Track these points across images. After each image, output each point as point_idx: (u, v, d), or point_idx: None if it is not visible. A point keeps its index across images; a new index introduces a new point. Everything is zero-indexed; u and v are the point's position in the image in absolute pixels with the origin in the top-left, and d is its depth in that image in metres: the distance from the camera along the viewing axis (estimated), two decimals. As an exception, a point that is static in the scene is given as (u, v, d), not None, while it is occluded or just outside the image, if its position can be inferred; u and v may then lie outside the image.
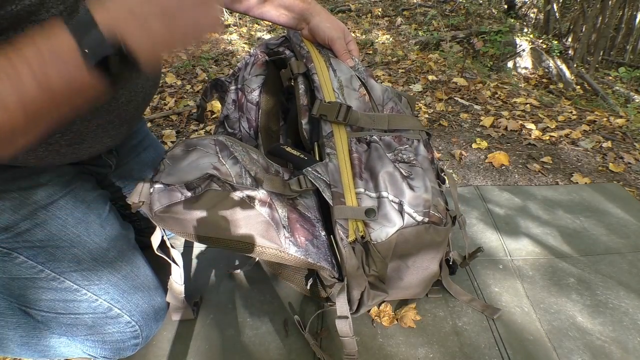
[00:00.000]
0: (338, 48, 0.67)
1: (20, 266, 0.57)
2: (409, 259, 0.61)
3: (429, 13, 3.33)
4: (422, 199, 0.57)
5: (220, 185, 0.55)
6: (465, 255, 0.78)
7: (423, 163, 0.61)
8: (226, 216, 0.54)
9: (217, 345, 0.70)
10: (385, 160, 0.58)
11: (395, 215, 0.56)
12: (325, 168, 0.58)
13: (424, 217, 0.57)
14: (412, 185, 0.57)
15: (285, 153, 0.63)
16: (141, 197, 0.54)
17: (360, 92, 0.65)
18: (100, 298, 0.60)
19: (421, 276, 0.65)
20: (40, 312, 0.61)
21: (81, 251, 0.60)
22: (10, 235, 0.56)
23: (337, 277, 0.60)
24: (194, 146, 0.58)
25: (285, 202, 0.58)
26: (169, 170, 0.55)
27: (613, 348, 0.69)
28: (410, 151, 0.61)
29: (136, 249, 0.68)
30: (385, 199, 0.56)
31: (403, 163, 0.60)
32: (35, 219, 0.57)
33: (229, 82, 0.80)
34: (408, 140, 0.63)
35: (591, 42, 3.66)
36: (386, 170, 0.57)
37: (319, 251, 0.58)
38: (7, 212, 0.55)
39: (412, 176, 0.58)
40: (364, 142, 0.61)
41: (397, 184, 0.57)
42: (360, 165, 0.59)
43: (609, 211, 1.05)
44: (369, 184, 0.58)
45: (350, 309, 0.63)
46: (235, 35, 2.96)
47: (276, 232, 0.55)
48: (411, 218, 0.56)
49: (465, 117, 1.70)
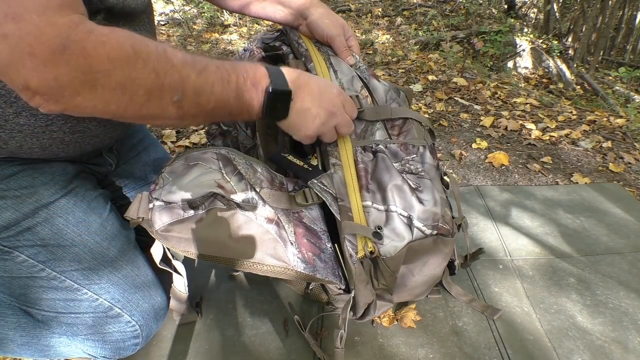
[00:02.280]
0: (338, 45, 0.65)
1: (21, 265, 0.57)
2: (415, 268, 0.60)
3: (429, 13, 3.33)
4: (431, 212, 0.56)
5: (225, 203, 0.52)
6: (466, 256, 0.78)
7: (430, 172, 0.59)
8: (232, 235, 0.52)
9: (217, 345, 0.70)
10: (393, 171, 0.57)
11: (404, 229, 0.54)
12: (331, 180, 0.56)
13: (433, 230, 0.56)
14: (421, 199, 0.56)
15: (288, 163, 0.60)
16: (140, 212, 0.52)
17: (362, 94, 0.63)
18: (100, 297, 0.60)
19: (425, 281, 0.64)
20: (40, 311, 0.61)
21: (82, 250, 0.60)
22: (11, 233, 0.56)
23: (343, 289, 0.59)
24: (196, 161, 0.55)
25: (291, 216, 0.56)
26: (169, 187, 0.53)
27: (613, 348, 0.69)
28: (417, 161, 0.60)
29: (136, 249, 0.68)
30: (394, 212, 0.55)
31: (411, 174, 0.58)
32: (37, 217, 0.57)
33: None
34: (414, 147, 0.61)
35: (591, 42, 3.66)
36: (394, 183, 0.56)
37: (326, 265, 0.56)
38: (8, 210, 0.55)
39: (420, 188, 0.57)
40: (370, 150, 0.59)
41: (406, 198, 0.55)
42: (367, 176, 0.57)
43: (609, 211, 1.05)
44: (376, 195, 0.56)
45: (355, 315, 0.62)
46: (235, 35, 2.96)
47: (284, 250, 0.53)
48: (420, 232, 0.55)
49: (465, 117, 1.70)
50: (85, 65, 0.35)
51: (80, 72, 0.35)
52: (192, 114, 0.44)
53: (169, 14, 3.32)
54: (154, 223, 0.51)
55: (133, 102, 0.39)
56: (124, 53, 0.37)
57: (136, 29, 0.57)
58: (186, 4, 3.51)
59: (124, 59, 0.37)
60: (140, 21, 0.58)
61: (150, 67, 0.38)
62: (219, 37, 2.90)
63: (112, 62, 0.36)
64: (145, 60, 0.38)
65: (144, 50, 0.38)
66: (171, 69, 0.40)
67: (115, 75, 0.36)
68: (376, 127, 0.62)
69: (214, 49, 2.65)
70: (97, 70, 0.35)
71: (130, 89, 0.38)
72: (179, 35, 2.86)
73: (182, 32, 2.94)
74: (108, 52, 0.36)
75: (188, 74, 0.41)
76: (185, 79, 0.41)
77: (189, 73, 0.41)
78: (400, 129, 0.64)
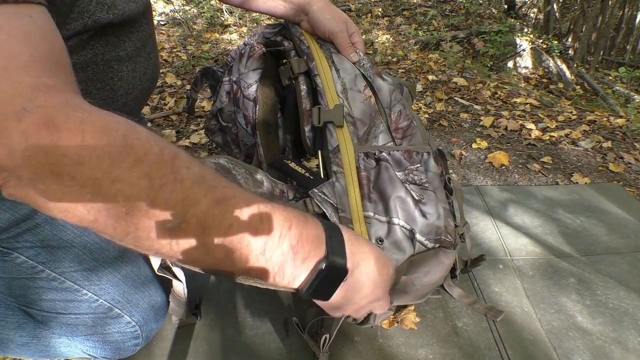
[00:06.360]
0: (340, 42, 0.63)
1: (20, 266, 0.57)
2: (417, 278, 0.59)
3: (429, 13, 3.32)
4: (434, 226, 0.55)
5: None
6: (467, 260, 0.78)
7: (433, 181, 0.58)
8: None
9: (217, 345, 0.70)
10: (397, 182, 0.55)
11: (406, 243, 0.53)
12: (332, 189, 0.54)
13: (435, 243, 0.55)
14: (425, 212, 0.55)
15: (289, 170, 0.59)
16: None
17: (366, 94, 0.61)
18: (100, 298, 0.60)
19: (426, 288, 0.63)
20: (40, 312, 0.61)
21: (82, 251, 0.60)
22: (11, 235, 0.56)
23: None
24: None
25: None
26: None
27: (613, 348, 0.69)
28: (421, 171, 0.58)
29: (136, 249, 0.68)
30: (396, 225, 0.53)
31: (414, 184, 0.57)
32: (36, 219, 0.57)
33: (221, 72, 0.75)
34: (418, 154, 0.59)
35: (591, 42, 3.66)
36: (397, 195, 0.54)
37: None
38: (7, 211, 0.55)
39: (423, 200, 0.56)
40: (372, 157, 0.58)
41: (409, 210, 0.54)
42: (369, 185, 0.56)
43: (609, 211, 1.05)
44: (378, 206, 0.55)
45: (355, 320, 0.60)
46: (235, 35, 2.96)
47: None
48: (422, 245, 0.54)
49: (465, 117, 1.70)
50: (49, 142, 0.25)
51: (41, 151, 0.25)
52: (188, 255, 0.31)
53: (169, 14, 3.32)
54: None
55: (108, 212, 0.28)
56: (108, 140, 0.27)
57: (135, 32, 0.57)
58: (186, 4, 3.51)
59: (107, 148, 0.27)
60: (139, 23, 0.58)
61: (142, 171, 0.28)
62: (219, 37, 2.90)
63: (87, 148, 0.26)
64: (138, 159, 0.28)
65: (140, 147, 0.28)
66: (173, 183, 0.29)
67: (89, 167, 0.26)
68: (379, 129, 0.61)
69: (214, 49, 2.65)
70: (63, 153, 0.25)
71: (106, 192, 0.27)
72: (179, 35, 2.86)
73: (182, 32, 2.94)
74: (84, 132, 0.26)
75: (197, 199, 0.30)
76: (191, 203, 0.29)
77: (198, 196, 0.30)
78: (405, 133, 0.62)
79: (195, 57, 2.40)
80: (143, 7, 0.56)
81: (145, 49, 0.61)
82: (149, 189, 0.28)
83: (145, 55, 0.62)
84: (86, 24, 0.46)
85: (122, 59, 0.56)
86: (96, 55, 0.52)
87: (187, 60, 2.31)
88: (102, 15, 0.48)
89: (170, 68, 2.18)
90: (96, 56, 0.52)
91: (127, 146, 0.27)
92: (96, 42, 0.51)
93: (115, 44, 0.54)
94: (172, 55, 2.42)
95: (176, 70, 2.17)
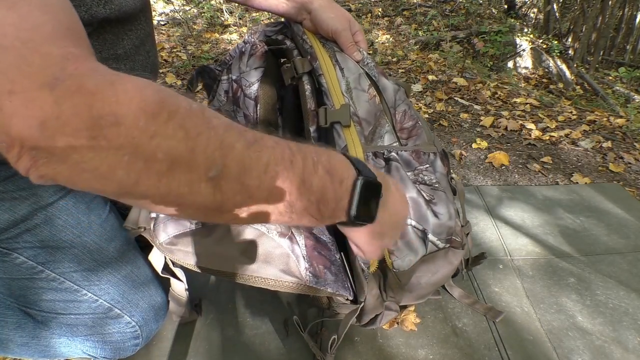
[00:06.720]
0: (343, 41, 0.62)
1: (20, 267, 0.57)
2: (423, 277, 0.59)
3: (429, 13, 3.33)
4: (446, 226, 0.54)
5: None
6: (468, 259, 0.78)
7: (442, 181, 0.58)
8: (243, 249, 0.50)
9: (217, 345, 0.70)
10: (408, 183, 0.54)
11: (418, 243, 0.53)
12: None
13: (446, 243, 0.55)
14: (436, 212, 0.55)
15: None
16: (140, 222, 0.48)
17: (370, 93, 0.59)
18: (100, 298, 0.60)
19: (430, 288, 0.63)
20: (40, 312, 0.61)
21: (81, 252, 0.60)
22: (10, 235, 0.56)
23: (351, 300, 0.57)
24: None
25: (302, 227, 0.55)
26: None
27: (613, 348, 0.69)
28: (430, 171, 0.58)
29: (136, 249, 0.68)
30: (409, 225, 0.53)
31: (424, 185, 0.56)
32: (35, 219, 0.57)
33: (219, 71, 0.74)
34: (424, 154, 0.59)
35: (591, 42, 3.66)
36: (410, 196, 0.54)
37: (336, 278, 0.55)
38: (7, 212, 0.55)
39: (434, 200, 0.55)
40: (381, 157, 0.57)
41: (421, 211, 0.54)
42: None
43: (609, 211, 1.05)
44: None
45: (359, 322, 0.61)
46: (235, 35, 2.96)
47: (296, 265, 0.52)
48: (434, 245, 0.54)
49: (465, 117, 1.70)
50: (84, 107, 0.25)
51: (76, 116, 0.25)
52: (235, 200, 0.31)
53: (169, 14, 3.32)
54: (158, 235, 0.48)
55: (149, 171, 0.27)
56: (141, 98, 0.27)
57: (133, 29, 0.57)
58: (186, 4, 3.51)
59: (141, 104, 0.26)
60: (138, 21, 0.57)
61: (177, 123, 0.27)
62: (219, 37, 2.90)
63: (123, 107, 0.26)
64: (172, 113, 0.28)
65: (171, 102, 0.28)
66: (208, 131, 0.29)
67: (126, 126, 0.26)
68: (384, 129, 0.60)
69: (214, 49, 2.65)
70: (99, 114, 0.25)
71: (145, 149, 0.26)
72: (178, 35, 2.86)
73: (182, 32, 2.94)
74: (117, 93, 0.26)
75: (232, 143, 0.30)
76: (228, 147, 0.29)
77: (233, 141, 0.30)
78: (410, 133, 0.62)
79: (195, 57, 2.40)
80: (140, 4, 0.55)
81: (144, 47, 0.61)
82: (186, 140, 0.28)
83: (144, 53, 0.61)
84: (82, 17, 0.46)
85: (120, 57, 0.56)
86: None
87: (187, 60, 2.31)
88: (98, 9, 0.47)
89: (170, 68, 2.18)
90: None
91: (159, 102, 0.27)
92: (93, 40, 0.51)
93: (113, 42, 0.54)
94: (172, 55, 2.42)
95: (176, 70, 2.17)
